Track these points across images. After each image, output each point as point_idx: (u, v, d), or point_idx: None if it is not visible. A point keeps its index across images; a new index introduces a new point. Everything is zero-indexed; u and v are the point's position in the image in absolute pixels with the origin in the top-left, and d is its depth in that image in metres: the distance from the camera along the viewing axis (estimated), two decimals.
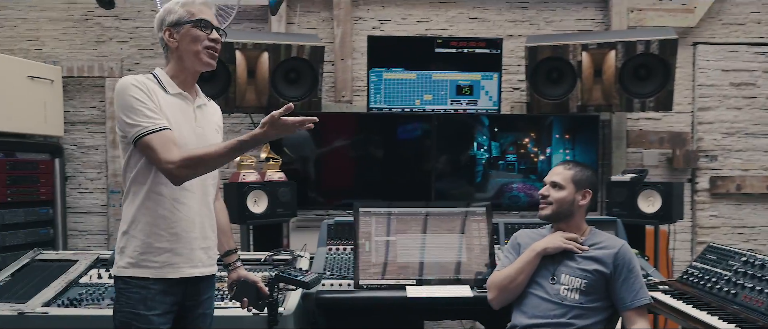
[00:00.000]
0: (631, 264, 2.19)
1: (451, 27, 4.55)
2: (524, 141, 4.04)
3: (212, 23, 2.01)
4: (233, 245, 2.32)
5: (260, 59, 3.87)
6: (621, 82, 3.91)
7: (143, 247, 1.94)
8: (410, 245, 2.84)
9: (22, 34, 4.45)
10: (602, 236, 2.31)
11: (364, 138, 4.12)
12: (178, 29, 1.98)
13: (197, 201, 2.02)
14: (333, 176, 4.12)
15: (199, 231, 2.03)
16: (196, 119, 2.04)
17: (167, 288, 1.97)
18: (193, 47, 1.98)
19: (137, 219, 1.95)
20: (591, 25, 4.59)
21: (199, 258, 2.04)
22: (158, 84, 1.99)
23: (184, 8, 1.99)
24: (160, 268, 1.95)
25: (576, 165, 2.37)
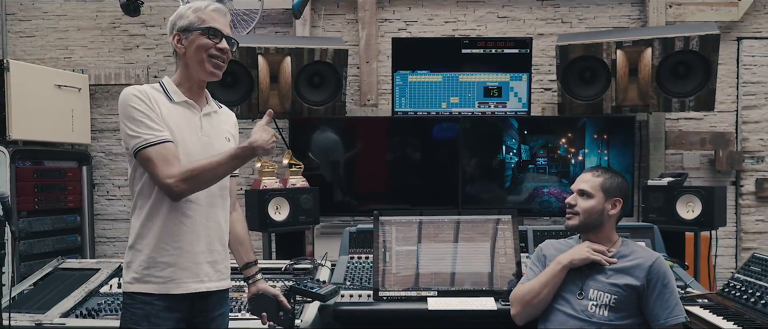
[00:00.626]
0: (666, 278, 2.03)
1: (479, 27, 4.42)
2: (556, 144, 3.87)
3: (222, 32, 1.93)
4: (252, 257, 2.22)
5: (283, 64, 3.81)
6: (658, 81, 3.72)
7: (148, 262, 1.87)
8: (432, 254, 2.73)
9: (52, 43, 4.51)
10: (634, 247, 2.15)
11: (389, 143, 4.03)
12: (187, 35, 1.91)
13: (203, 214, 1.94)
14: (358, 182, 4.04)
15: (205, 245, 1.95)
16: (201, 128, 1.96)
17: (172, 304, 1.89)
18: (199, 55, 1.91)
19: (142, 233, 1.89)
20: (627, 22, 4.39)
21: (206, 273, 1.96)
22: (164, 93, 1.93)
23: (196, 14, 1.92)
24: (164, 283, 1.87)
25: (605, 171, 2.22)
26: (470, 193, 3.88)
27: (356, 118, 4.21)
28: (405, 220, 2.80)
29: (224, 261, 2.07)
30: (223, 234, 2.05)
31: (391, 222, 2.80)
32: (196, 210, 1.92)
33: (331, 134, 4.01)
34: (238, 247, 2.19)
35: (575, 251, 2.15)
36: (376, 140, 4.02)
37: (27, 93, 3.75)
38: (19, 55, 4.47)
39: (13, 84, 3.67)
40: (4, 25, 4.48)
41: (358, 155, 4.02)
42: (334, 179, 3.99)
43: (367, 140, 4.04)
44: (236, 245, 2.19)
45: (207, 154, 1.93)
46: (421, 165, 3.98)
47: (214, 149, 1.97)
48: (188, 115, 1.95)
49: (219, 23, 1.93)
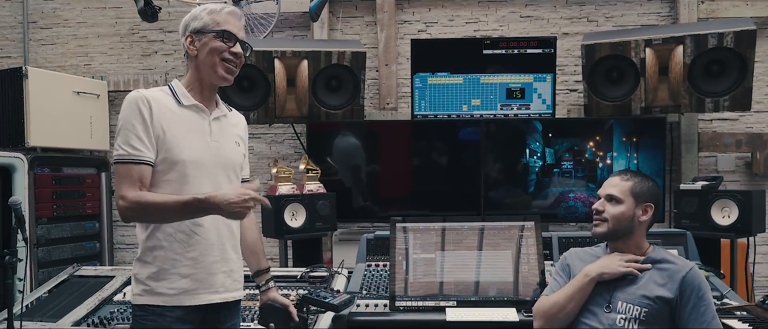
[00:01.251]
0: (701, 290, 1.88)
1: (501, 27, 4.30)
2: (582, 147, 3.72)
3: (236, 36, 1.88)
4: (265, 265, 2.14)
5: (300, 67, 3.75)
6: (690, 80, 3.55)
7: (159, 274, 1.80)
8: (451, 262, 2.61)
9: (73, 50, 4.53)
10: (666, 256, 2.00)
11: (409, 147, 3.93)
12: (200, 37, 1.85)
13: (213, 222, 1.86)
14: (377, 187, 3.94)
15: (219, 254, 1.88)
16: (210, 133, 1.88)
17: (184, 315, 1.82)
18: (211, 59, 1.85)
19: (151, 245, 1.82)
20: (656, 19, 4.23)
21: (222, 283, 1.89)
22: (172, 96, 1.86)
23: (210, 16, 1.86)
24: (177, 295, 1.80)
25: (635, 175, 2.07)
26: (493, 198, 3.76)
27: (375, 122, 4.12)
28: (423, 226, 2.69)
29: (239, 270, 2.00)
30: (235, 241, 1.98)
31: (408, 229, 2.70)
32: (207, 219, 1.84)
33: (350, 139, 3.92)
34: (250, 254, 2.11)
35: (606, 263, 2.01)
36: (395, 145, 3.92)
37: (45, 100, 3.74)
38: (40, 62, 4.50)
39: (32, 91, 3.67)
40: (26, 34, 4.51)
41: (378, 160, 3.92)
42: (353, 184, 3.90)
43: (386, 144, 3.95)
44: (248, 252, 2.10)
45: (216, 157, 1.87)
46: (441, 170, 3.87)
47: (224, 153, 1.91)
48: (197, 119, 1.88)
49: (234, 27, 1.88)
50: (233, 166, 1.94)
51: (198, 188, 1.81)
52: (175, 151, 1.80)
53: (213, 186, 1.85)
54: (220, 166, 1.89)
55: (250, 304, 2.66)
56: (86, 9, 4.52)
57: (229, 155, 1.92)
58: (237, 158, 1.96)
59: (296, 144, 4.31)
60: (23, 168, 3.55)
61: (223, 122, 1.96)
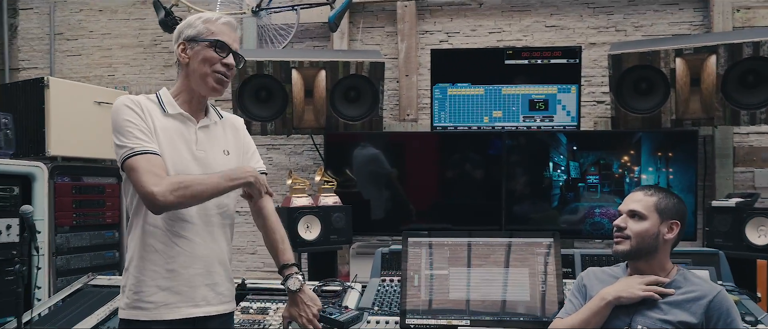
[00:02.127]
0: (730, 316, 1.73)
1: (525, 37, 4.19)
2: (608, 161, 3.58)
3: (230, 47, 1.84)
4: (289, 259, 1.99)
5: (317, 78, 3.70)
6: (724, 91, 3.38)
7: (138, 284, 1.75)
8: (465, 279, 2.50)
9: (97, 61, 4.59)
10: (692, 278, 1.86)
11: (428, 159, 3.83)
12: (193, 45, 1.82)
13: (199, 233, 1.81)
14: (397, 200, 3.84)
15: (202, 266, 1.81)
16: (196, 142, 1.84)
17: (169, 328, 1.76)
18: (202, 69, 1.81)
19: (134, 255, 1.78)
20: (688, 28, 4.06)
21: (203, 296, 1.82)
22: (158, 104, 1.83)
23: (205, 25, 1.84)
24: (155, 309, 1.74)
25: (659, 191, 1.94)
26: (515, 213, 3.63)
27: (394, 133, 4.04)
28: (436, 242, 2.58)
29: (226, 283, 1.92)
30: (223, 255, 1.90)
31: (421, 244, 2.60)
32: (192, 230, 1.79)
33: (370, 150, 3.84)
34: (270, 251, 2.01)
35: (624, 286, 1.88)
36: (414, 157, 3.83)
37: (66, 110, 3.77)
38: (66, 73, 4.57)
39: (53, 101, 3.69)
40: (52, 45, 4.58)
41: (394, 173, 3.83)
42: (371, 196, 3.82)
43: (405, 156, 3.86)
44: (269, 249, 2.02)
45: (201, 167, 1.82)
46: (462, 183, 3.76)
47: (209, 164, 1.84)
48: (182, 129, 1.83)
49: (228, 37, 1.85)
50: None
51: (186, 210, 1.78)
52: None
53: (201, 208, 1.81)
54: None
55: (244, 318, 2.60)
56: (111, 20, 4.58)
57: (214, 166, 1.85)
58: (224, 167, 1.87)
59: (315, 155, 4.26)
60: (43, 177, 3.57)
61: (212, 131, 1.91)
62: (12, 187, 3.42)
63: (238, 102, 3.66)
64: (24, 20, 4.67)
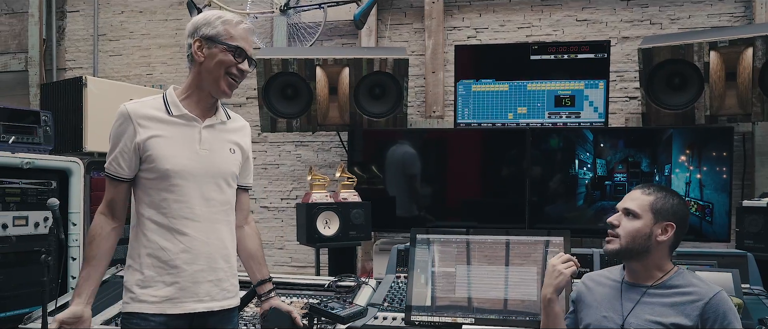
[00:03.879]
0: (727, 318, 1.64)
1: (555, 32, 4.09)
2: (637, 158, 3.46)
3: (247, 53, 1.85)
4: (266, 274, 2.08)
5: (341, 75, 3.73)
6: (762, 85, 3.21)
7: (143, 281, 1.81)
8: (472, 277, 2.47)
9: (136, 61, 4.76)
10: (691, 279, 1.77)
11: (452, 156, 3.80)
12: (210, 46, 1.82)
13: (202, 231, 1.85)
14: (421, 197, 3.83)
15: (205, 263, 1.86)
16: (200, 141, 1.87)
17: (169, 321, 1.82)
18: (217, 71, 1.82)
19: (137, 252, 1.84)
20: (728, 20, 3.88)
21: (207, 292, 1.86)
22: (164, 105, 1.86)
23: (225, 27, 1.83)
24: (160, 303, 1.80)
25: (659, 190, 1.86)
26: (539, 211, 3.56)
27: (418, 130, 4.03)
28: (444, 239, 2.56)
29: (230, 279, 1.96)
30: (227, 251, 1.94)
31: (430, 241, 2.58)
32: (194, 227, 1.84)
33: (396, 147, 3.85)
34: (250, 263, 2.08)
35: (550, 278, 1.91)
36: (437, 153, 3.81)
37: (103, 108, 3.93)
38: (108, 73, 4.76)
39: (90, 99, 3.86)
40: (96, 45, 4.79)
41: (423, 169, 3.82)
42: (397, 193, 3.82)
43: (430, 152, 3.84)
44: (248, 261, 2.08)
45: (205, 166, 1.86)
46: (485, 180, 3.73)
47: (213, 163, 1.88)
48: (186, 129, 1.86)
49: (247, 44, 1.85)
50: (224, 175, 1.91)
51: (185, 197, 1.82)
52: (160, 161, 1.80)
53: (201, 195, 1.85)
54: (210, 175, 1.88)
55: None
56: (150, 21, 4.75)
57: (219, 163, 1.89)
58: (229, 166, 1.93)
59: (342, 152, 4.29)
60: (80, 172, 3.74)
61: (218, 130, 1.92)
62: (50, 181, 3.59)
63: (263, 99, 3.73)
64: (71, 22, 4.89)
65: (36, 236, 3.49)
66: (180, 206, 1.82)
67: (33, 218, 3.48)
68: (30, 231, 3.45)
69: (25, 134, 3.54)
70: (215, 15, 1.85)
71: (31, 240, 3.46)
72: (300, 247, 3.97)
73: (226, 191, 1.93)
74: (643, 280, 1.82)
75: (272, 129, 3.79)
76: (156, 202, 1.82)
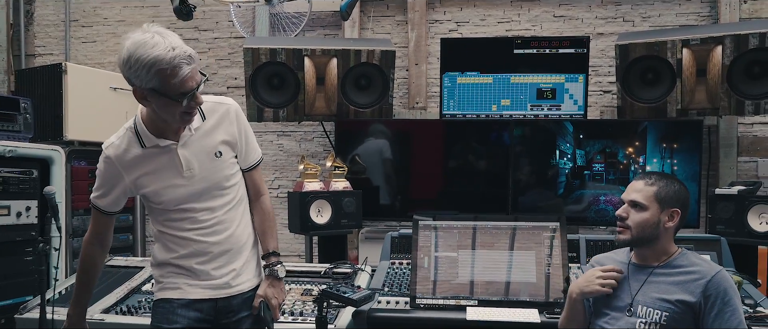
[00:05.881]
0: (728, 295, 1.79)
1: (534, 27, 4.24)
2: (614, 149, 3.64)
3: (193, 88, 1.70)
4: (269, 248, 2.07)
5: (329, 66, 3.77)
6: (729, 82, 3.43)
7: (164, 276, 1.95)
8: (474, 261, 2.58)
9: (111, 48, 4.66)
10: (694, 259, 1.92)
11: (437, 147, 3.90)
12: (154, 96, 1.69)
13: (212, 235, 1.92)
14: (405, 187, 3.92)
15: (221, 262, 1.94)
16: (182, 165, 1.85)
17: (189, 303, 1.91)
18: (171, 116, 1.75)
19: (156, 254, 1.97)
20: (695, 19, 4.11)
21: (224, 283, 1.95)
22: (136, 137, 1.84)
23: (160, 77, 1.64)
24: (178, 289, 1.93)
25: (660, 178, 1.98)
26: (521, 200, 3.70)
27: (403, 121, 4.11)
28: (445, 225, 2.66)
29: (249, 265, 2.03)
30: (241, 241, 2.00)
31: (432, 227, 2.68)
32: (203, 234, 1.92)
33: (379, 138, 3.92)
34: (260, 237, 2.11)
35: (584, 282, 2.00)
36: (423, 144, 3.90)
37: (83, 95, 3.86)
38: (81, 59, 4.64)
39: (70, 87, 3.79)
40: (67, 31, 4.66)
41: (406, 160, 3.91)
42: (381, 182, 3.89)
43: (414, 143, 3.93)
44: (259, 236, 2.11)
45: (195, 187, 1.88)
46: (469, 170, 3.84)
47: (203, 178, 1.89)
48: (164, 158, 1.85)
49: (191, 80, 1.69)
50: (218, 184, 1.92)
51: (188, 214, 1.90)
52: (154, 197, 1.88)
53: (203, 208, 1.90)
54: (203, 191, 1.90)
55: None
56: (125, 8, 4.65)
57: (209, 177, 1.90)
58: (219, 174, 1.92)
59: (325, 142, 4.34)
60: (61, 161, 3.66)
61: (197, 140, 1.88)
62: (31, 170, 3.50)
63: (250, 89, 3.73)
64: (40, 6, 4.74)
65: (18, 226, 3.41)
66: (185, 223, 1.90)
67: (15, 208, 3.39)
68: (12, 221, 3.37)
69: (5, 122, 3.45)
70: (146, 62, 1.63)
71: (13, 230, 3.38)
72: (285, 235, 4.00)
73: (227, 194, 1.95)
74: (650, 261, 1.95)
75: (259, 119, 3.80)
76: (163, 221, 1.92)
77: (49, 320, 2.66)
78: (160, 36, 1.66)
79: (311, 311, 2.56)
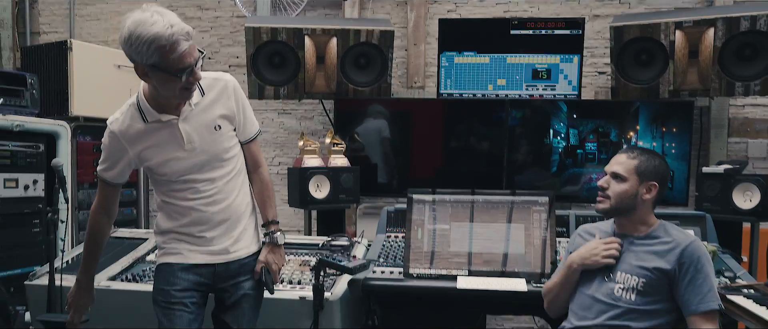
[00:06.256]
0: (700, 263, 1.90)
1: (531, 8, 4.29)
2: (606, 129, 3.72)
3: (192, 66, 1.80)
4: (268, 217, 2.18)
5: (329, 45, 3.84)
6: (721, 63, 3.50)
7: (166, 242, 2.08)
8: (465, 234, 2.69)
9: (115, 25, 4.72)
10: (671, 231, 2.03)
11: (434, 125, 3.98)
12: (154, 72, 1.79)
13: (212, 204, 2.03)
14: (402, 165, 4.02)
15: (220, 231, 2.06)
16: (183, 138, 1.96)
17: (189, 267, 2.05)
18: (171, 91, 1.85)
19: (160, 223, 2.09)
20: (690, 2, 4.16)
21: (221, 249, 2.07)
22: (139, 112, 1.95)
23: (160, 53, 1.74)
24: (177, 254, 2.06)
25: (642, 153, 2.09)
26: (516, 177, 3.79)
27: (401, 100, 4.19)
28: (438, 199, 2.77)
29: (246, 232, 2.14)
30: (240, 210, 2.11)
31: (424, 201, 2.78)
32: (197, 202, 2.02)
33: (377, 116, 4.00)
34: (260, 208, 2.22)
35: (587, 253, 2.07)
36: (421, 123, 3.99)
37: (88, 72, 3.95)
38: (85, 37, 4.70)
39: (76, 64, 3.87)
40: (72, 9, 4.73)
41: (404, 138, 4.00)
42: (378, 160, 3.99)
43: (412, 122, 4.01)
44: (259, 206, 2.22)
45: (196, 159, 1.99)
46: (465, 148, 3.92)
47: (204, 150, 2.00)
48: (165, 132, 1.95)
49: (188, 56, 1.78)
50: (217, 156, 2.03)
51: (189, 185, 2.01)
52: (157, 168, 2.00)
53: (203, 179, 2.01)
54: (204, 163, 2.01)
55: None
56: None
57: (208, 149, 2.00)
58: (218, 146, 2.02)
59: (325, 120, 4.42)
60: (67, 136, 3.76)
61: (197, 115, 1.97)
62: (38, 144, 3.61)
63: (252, 67, 3.80)
64: None
65: (25, 198, 3.51)
66: (187, 193, 2.01)
67: (22, 181, 3.50)
68: (20, 194, 3.47)
69: (12, 97, 3.54)
70: (146, 39, 1.73)
71: (21, 203, 3.49)
72: (285, 210, 4.10)
73: (226, 165, 2.06)
74: (630, 232, 2.06)
75: (260, 96, 3.88)
76: (166, 191, 2.04)
77: (58, 287, 2.79)
78: (158, 15, 1.76)
79: (309, 280, 2.68)
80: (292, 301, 2.53)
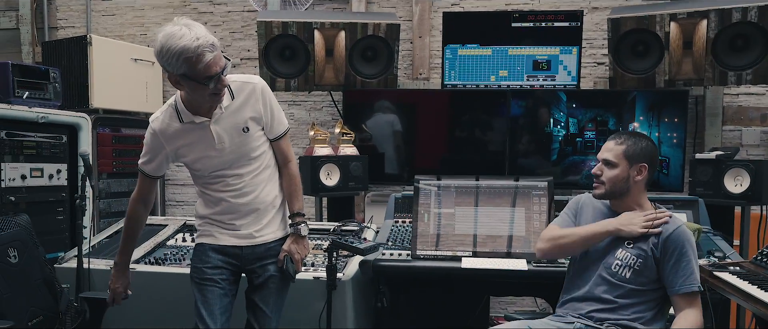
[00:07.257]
0: (684, 248, 2.06)
1: (532, 1, 4.44)
2: (604, 118, 3.87)
3: (218, 72, 1.97)
4: (293, 209, 2.36)
5: (338, 38, 3.99)
6: (714, 54, 3.64)
7: (202, 225, 2.32)
8: (469, 218, 2.85)
9: (130, 21, 4.88)
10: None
11: (439, 115, 4.14)
12: (185, 80, 2.00)
13: (242, 196, 2.24)
14: (408, 154, 4.18)
15: (249, 219, 2.27)
16: (215, 139, 2.17)
17: (219, 248, 2.27)
18: (201, 98, 2.08)
19: (198, 208, 2.33)
20: None
21: (247, 234, 2.28)
22: (176, 113, 2.18)
23: (188, 65, 1.93)
24: (211, 236, 2.30)
25: (629, 137, 2.22)
26: (518, 165, 3.95)
27: (407, 91, 4.35)
28: (443, 184, 2.93)
29: (273, 222, 2.33)
30: (267, 201, 2.30)
31: (430, 186, 2.94)
32: (227, 195, 2.24)
33: (384, 107, 4.16)
34: (287, 198, 2.39)
35: (626, 221, 2.13)
36: (426, 113, 4.14)
37: (107, 66, 4.11)
38: (101, 32, 4.86)
39: (95, 58, 4.03)
40: (89, 5, 4.88)
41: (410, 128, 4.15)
42: (385, 149, 4.15)
43: (417, 112, 4.17)
44: (286, 197, 2.39)
45: (226, 158, 2.21)
46: (468, 137, 4.08)
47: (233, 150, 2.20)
48: (199, 132, 2.17)
49: (214, 66, 1.95)
50: (244, 154, 2.22)
51: (220, 178, 2.23)
52: (191, 165, 2.24)
53: (233, 175, 2.22)
54: (233, 161, 2.22)
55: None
56: None
57: (238, 149, 2.21)
58: (247, 145, 2.22)
59: (334, 111, 4.58)
60: (88, 127, 3.92)
61: (227, 117, 2.17)
62: (61, 135, 3.76)
63: (263, 60, 3.96)
64: None
65: (50, 187, 3.68)
66: (219, 186, 2.24)
67: (47, 171, 3.66)
68: (45, 183, 3.64)
69: (36, 90, 3.69)
70: (175, 52, 1.91)
71: (46, 191, 3.66)
72: None
73: (254, 162, 2.26)
74: (624, 211, 2.22)
75: (271, 89, 4.01)
76: (202, 183, 2.29)
77: (86, 269, 2.98)
78: (186, 28, 1.94)
79: (322, 262, 2.85)
80: (306, 281, 2.70)
